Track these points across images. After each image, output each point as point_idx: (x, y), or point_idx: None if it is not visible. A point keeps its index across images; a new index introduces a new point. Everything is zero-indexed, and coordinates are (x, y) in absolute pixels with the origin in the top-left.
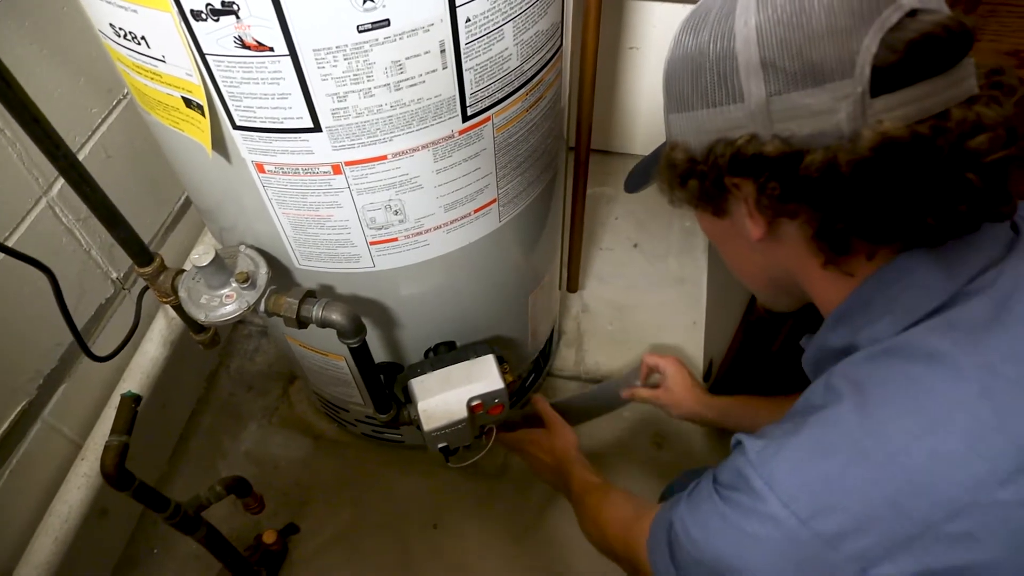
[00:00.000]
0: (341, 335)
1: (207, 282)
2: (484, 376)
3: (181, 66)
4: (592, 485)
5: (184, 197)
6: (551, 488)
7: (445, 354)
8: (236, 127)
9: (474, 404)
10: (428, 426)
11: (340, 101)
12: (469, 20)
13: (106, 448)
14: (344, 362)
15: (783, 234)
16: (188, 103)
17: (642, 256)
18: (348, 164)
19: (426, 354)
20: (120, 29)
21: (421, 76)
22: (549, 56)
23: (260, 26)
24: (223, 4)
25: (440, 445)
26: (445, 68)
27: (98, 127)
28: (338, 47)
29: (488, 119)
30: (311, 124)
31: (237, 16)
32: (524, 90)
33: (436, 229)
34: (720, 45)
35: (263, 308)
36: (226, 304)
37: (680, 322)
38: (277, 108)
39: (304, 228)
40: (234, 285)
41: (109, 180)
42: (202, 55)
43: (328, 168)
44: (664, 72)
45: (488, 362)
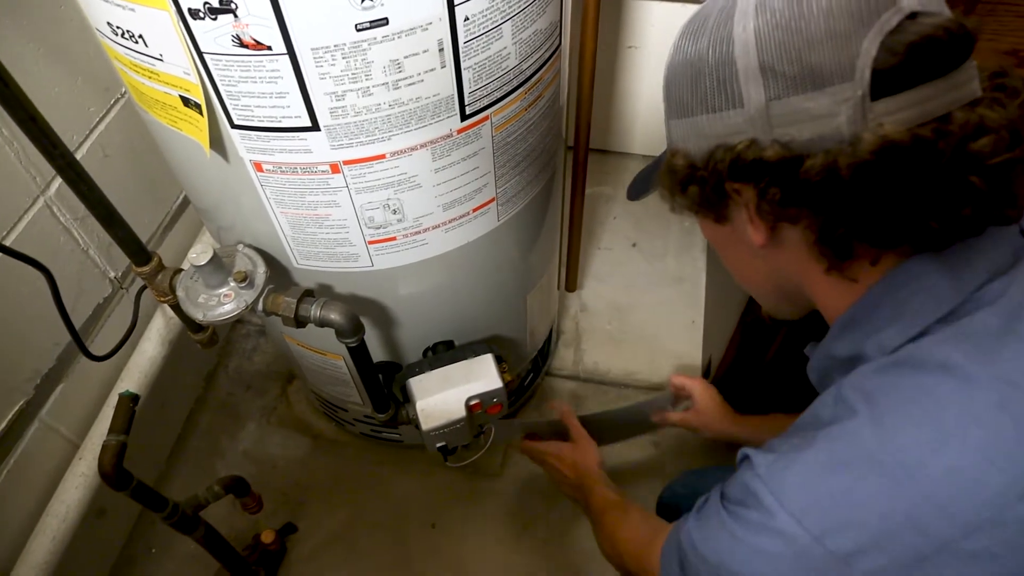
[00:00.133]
0: (339, 334)
1: (205, 281)
2: (482, 375)
3: (179, 65)
4: (611, 503)
5: (182, 196)
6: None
7: (443, 353)
8: (234, 126)
9: (472, 403)
10: (426, 425)
11: (338, 100)
12: (467, 19)
13: (104, 448)
14: (342, 361)
15: (785, 240)
16: (186, 102)
17: (640, 255)
18: (346, 163)
19: (424, 353)
20: (118, 27)
21: (419, 75)
22: (548, 55)
23: (258, 25)
24: (221, 3)
25: (438, 444)
26: (443, 67)
27: (96, 126)
28: (336, 46)
29: (486, 118)
30: (309, 123)
31: (235, 15)
32: (523, 89)
33: (434, 228)
34: (719, 50)
35: (261, 307)
36: (224, 303)
37: (678, 321)
38: (275, 107)
39: (302, 227)
40: (232, 284)
41: (107, 179)
42: (200, 54)
43: (326, 167)
44: (664, 78)
45: (486, 361)
